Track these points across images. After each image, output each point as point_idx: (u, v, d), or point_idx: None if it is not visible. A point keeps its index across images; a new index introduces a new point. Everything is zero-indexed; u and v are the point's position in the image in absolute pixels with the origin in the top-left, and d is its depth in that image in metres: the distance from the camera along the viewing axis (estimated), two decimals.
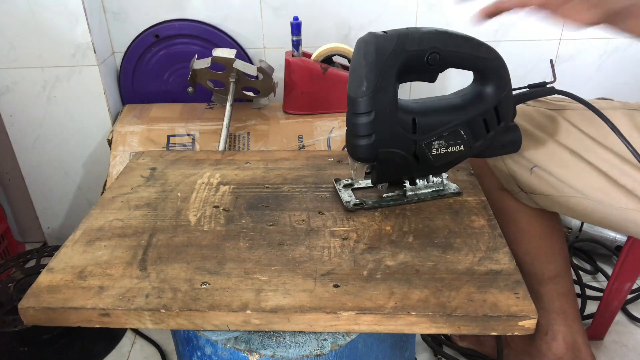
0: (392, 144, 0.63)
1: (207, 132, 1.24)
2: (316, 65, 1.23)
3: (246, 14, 1.34)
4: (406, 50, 0.59)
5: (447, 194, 0.72)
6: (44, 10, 1.18)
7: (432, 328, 0.52)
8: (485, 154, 0.71)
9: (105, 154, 1.32)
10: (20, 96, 1.27)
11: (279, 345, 0.55)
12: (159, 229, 0.66)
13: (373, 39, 0.59)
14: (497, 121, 0.67)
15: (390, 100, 0.61)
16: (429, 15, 1.36)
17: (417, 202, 0.71)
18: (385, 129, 0.62)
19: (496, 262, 0.59)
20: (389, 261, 0.59)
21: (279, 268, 0.58)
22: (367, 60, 0.59)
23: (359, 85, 0.60)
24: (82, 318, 0.54)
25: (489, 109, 0.66)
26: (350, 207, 0.69)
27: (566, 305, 0.89)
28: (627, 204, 0.69)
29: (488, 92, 0.66)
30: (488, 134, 0.67)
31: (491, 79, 0.65)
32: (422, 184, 0.71)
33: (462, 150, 0.67)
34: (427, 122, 0.64)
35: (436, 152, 0.66)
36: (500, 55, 0.65)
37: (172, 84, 1.39)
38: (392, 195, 0.72)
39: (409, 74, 0.62)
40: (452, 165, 0.70)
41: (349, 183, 0.75)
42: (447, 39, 0.61)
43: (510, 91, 0.67)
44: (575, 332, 0.90)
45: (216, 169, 0.82)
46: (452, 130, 0.65)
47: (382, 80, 0.59)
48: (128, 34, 1.33)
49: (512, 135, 0.70)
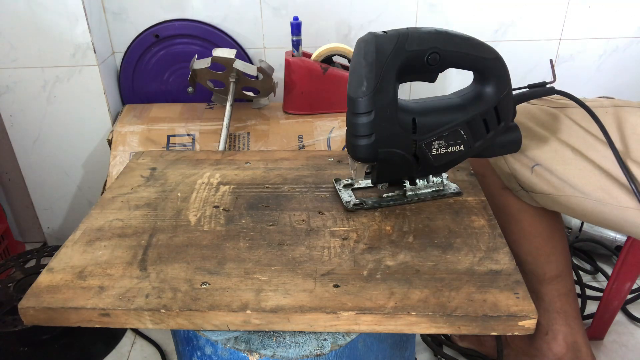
0: (392, 144, 0.63)
1: (207, 132, 1.24)
2: (316, 65, 1.23)
3: (246, 14, 1.34)
4: (406, 50, 0.59)
5: (447, 194, 0.72)
6: (44, 10, 1.18)
7: (432, 328, 0.52)
8: (486, 154, 0.71)
9: (105, 154, 1.32)
10: (20, 96, 1.27)
11: (279, 345, 0.55)
12: (159, 229, 0.66)
13: (373, 39, 0.59)
14: (497, 121, 0.67)
15: (390, 100, 0.61)
16: (429, 15, 1.36)
17: (417, 202, 0.71)
18: (385, 128, 0.62)
19: (496, 262, 0.59)
20: (389, 261, 0.59)
21: (279, 268, 0.58)
22: (367, 60, 0.59)
23: (358, 85, 0.60)
24: (82, 318, 0.54)
25: (489, 109, 0.66)
26: (350, 207, 0.69)
27: (567, 305, 0.90)
28: (627, 203, 0.69)
29: (488, 92, 0.66)
30: (488, 134, 0.67)
31: (491, 79, 0.65)
32: (422, 184, 0.71)
33: (462, 150, 0.67)
34: (427, 122, 0.64)
35: (436, 152, 0.66)
36: (500, 55, 0.65)
37: (172, 84, 1.39)
38: (392, 195, 0.72)
39: (409, 74, 0.62)
40: (452, 165, 0.70)
41: (349, 183, 0.75)
42: (447, 39, 0.61)
43: (510, 91, 0.67)
44: (575, 332, 0.90)
45: (216, 169, 0.82)
46: (452, 130, 0.65)
47: (382, 80, 0.59)
48: (128, 34, 1.33)
49: (513, 135, 0.70)
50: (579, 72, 1.45)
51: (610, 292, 1.08)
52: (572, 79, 1.46)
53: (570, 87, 1.44)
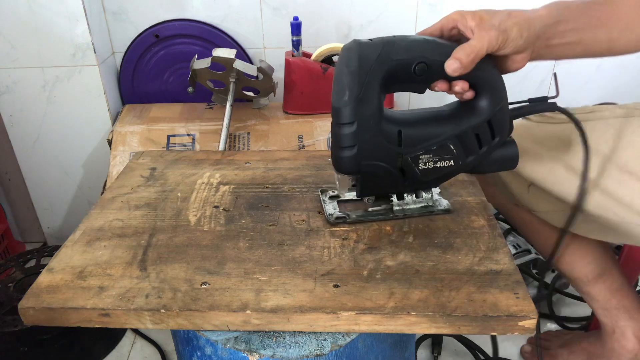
0: (376, 157, 0.60)
1: (207, 132, 1.24)
2: (316, 65, 1.23)
3: (246, 14, 1.34)
4: (391, 59, 0.56)
5: (435, 211, 0.68)
6: (44, 10, 1.18)
7: (432, 328, 0.52)
8: (479, 170, 0.66)
9: (105, 154, 1.32)
10: (20, 96, 1.27)
11: (278, 346, 0.55)
12: (159, 229, 0.66)
13: (356, 46, 0.57)
14: (491, 136, 0.62)
15: (374, 110, 0.58)
16: (429, 15, 1.36)
17: (403, 218, 0.68)
18: (369, 140, 0.59)
19: (496, 262, 0.59)
20: (389, 261, 0.59)
21: (279, 268, 0.58)
22: (349, 69, 0.56)
23: (341, 94, 0.57)
24: (82, 318, 0.54)
25: (482, 122, 0.61)
26: (332, 220, 0.67)
27: (624, 300, 0.87)
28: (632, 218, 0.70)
29: (481, 105, 0.61)
30: (481, 149, 0.63)
31: (485, 91, 0.61)
32: (410, 199, 0.68)
33: (452, 165, 0.63)
34: (413, 135, 0.61)
35: (424, 167, 0.62)
36: (495, 65, 0.60)
37: (172, 84, 1.39)
38: (379, 209, 0.68)
39: (394, 84, 0.59)
40: (442, 181, 0.66)
41: (335, 195, 0.72)
42: (436, 49, 0.57)
43: (506, 105, 0.62)
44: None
45: (216, 169, 0.82)
46: (441, 144, 0.61)
47: (366, 89, 0.57)
48: (128, 34, 1.33)
49: (509, 150, 0.65)
50: (579, 70, 1.45)
51: None
52: (572, 79, 1.46)
53: (570, 87, 1.45)
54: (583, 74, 1.46)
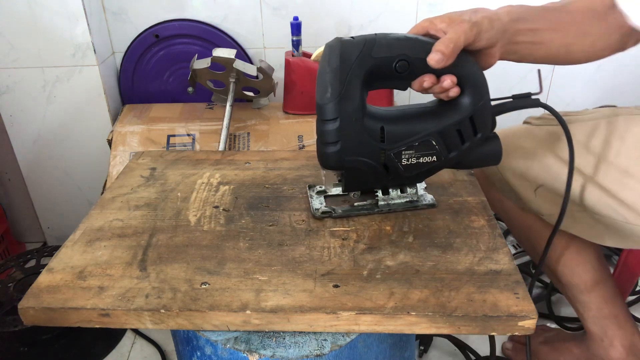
0: (359, 153, 0.61)
1: (207, 132, 1.24)
2: (316, 65, 1.23)
3: (246, 14, 1.34)
4: (372, 56, 0.57)
5: (420, 206, 0.69)
6: (44, 10, 1.17)
7: (432, 328, 0.52)
8: (463, 165, 0.69)
9: (105, 154, 1.32)
10: (20, 96, 1.27)
11: (278, 346, 0.55)
12: (159, 229, 0.66)
13: (338, 44, 0.58)
14: (473, 132, 0.63)
15: (356, 107, 0.59)
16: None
17: (387, 213, 0.69)
18: (352, 136, 0.60)
19: (496, 262, 0.59)
20: (388, 261, 0.59)
21: (279, 268, 0.58)
22: (331, 66, 0.58)
23: (324, 91, 0.58)
24: (82, 318, 0.54)
25: (464, 119, 0.62)
26: (318, 215, 0.68)
27: (616, 309, 0.88)
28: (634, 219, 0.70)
29: (463, 101, 0.62)
30: (463, 145, 0.64)
31: (466, 87, 0.61)
32: (395, 194, 0.69)
33: (434, 161, 0.64)
34: (396, 131, 0.62)
35: (406, 163, 0.63)
36: (476, 62, 0.61)
37: (172, 84, 1.39)
38: (364, 204, 0.70)
39: (376, 81, 0.60)
40: (426, 176, 0.68)
41: (322, 190, 0.74)
42: (416, 46, 0.58)
43: (489, 101, 0.63)
44: (630, 335, 0.89)
45: (216, 169, 0.82)
46: (423, 140, 0.62)
47: (348, 86, 0.58)
48: (128, 34, 1.33)
49: (492, 146, 0.66)
50: (579, 71, 1.45)
51: None
52: (572, 79, 1.46)
53: (570, 86, 1.45)
54: (583, 74, 1.46)
